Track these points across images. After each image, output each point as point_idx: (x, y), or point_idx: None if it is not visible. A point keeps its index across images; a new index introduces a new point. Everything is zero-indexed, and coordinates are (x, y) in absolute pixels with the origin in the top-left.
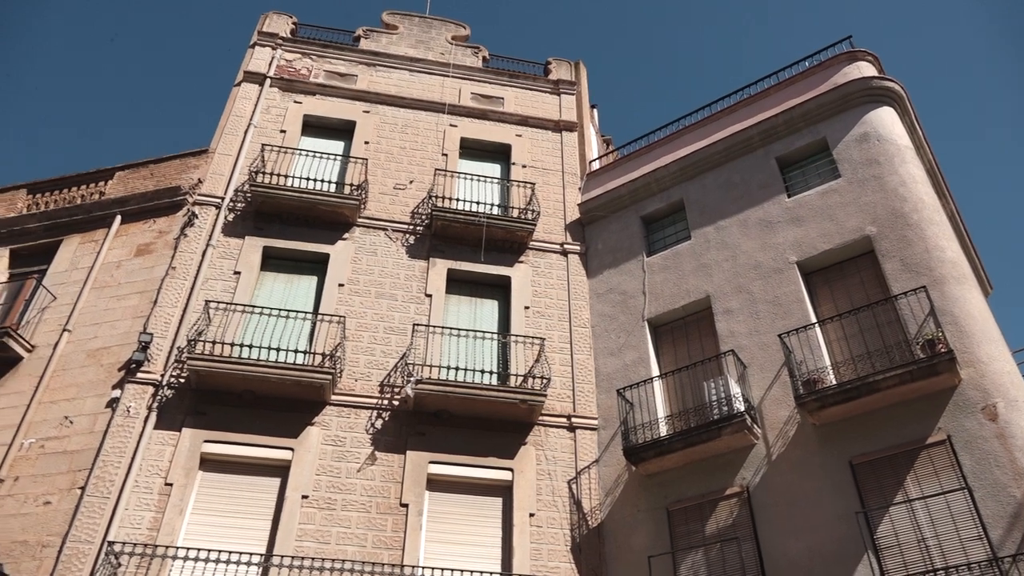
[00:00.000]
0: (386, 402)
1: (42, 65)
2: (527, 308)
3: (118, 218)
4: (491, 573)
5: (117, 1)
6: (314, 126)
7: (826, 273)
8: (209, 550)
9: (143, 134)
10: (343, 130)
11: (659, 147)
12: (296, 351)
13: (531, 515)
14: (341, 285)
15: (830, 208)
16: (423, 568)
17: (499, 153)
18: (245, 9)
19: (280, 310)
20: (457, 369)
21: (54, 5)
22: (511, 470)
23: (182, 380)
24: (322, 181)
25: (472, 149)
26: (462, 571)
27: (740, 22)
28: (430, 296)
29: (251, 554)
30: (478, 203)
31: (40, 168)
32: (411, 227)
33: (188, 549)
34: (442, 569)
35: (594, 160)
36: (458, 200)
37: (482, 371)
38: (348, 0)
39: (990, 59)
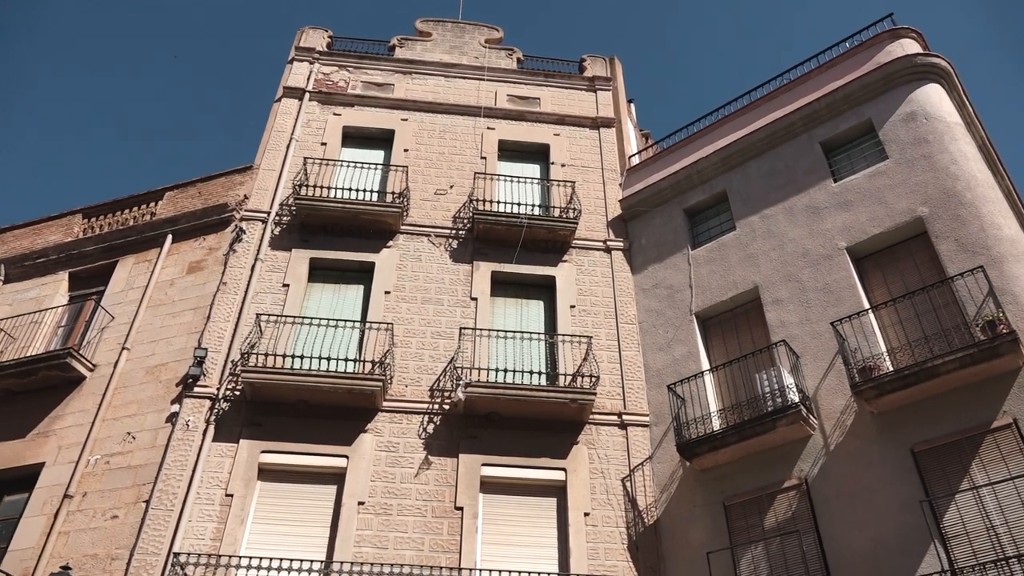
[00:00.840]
0: (437, 406)
1: (86, 88)
2: (573, 307)
3: (169, 237)
4: (548, 574)
5: (157, 29)
6: (354, 137)
7: (877, 257)
8: (271, 558)
9: (188, 153)
10: (382, 139)
11: (699, 138)
12: (346, 359)
13: (586, 514)
14: (387, 292)
15: (879, 191)
16: (480, 570)
17: (538, 153)
18: (283, 26)
19: (329, 320)
20: (506, 371)
21: (83, 30)
22: (564, 470)
23: (237, 393)
24: (364, 191)
25: (511, 151)
26: (519, 572)
27: (777, 6)
28: (475, 299)
29: (311, 561)
30: (519, 204)
31: (90, 189)
32: (454, 231)
33: (251, 558)
34: (499, 571)
35: (633, 155)
36: (499, 202)
37: (531, 372)
38: (382, 10)
39: None
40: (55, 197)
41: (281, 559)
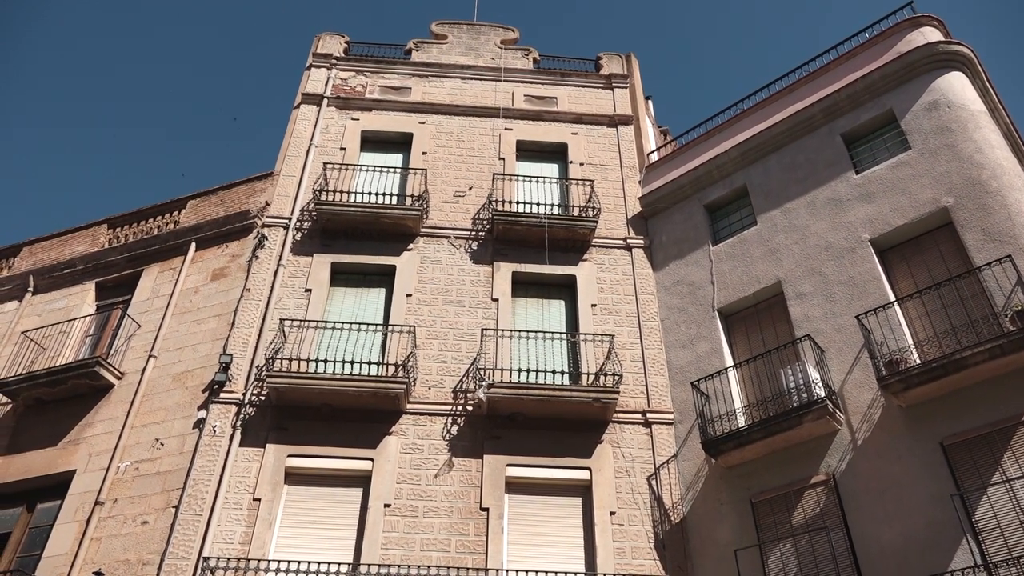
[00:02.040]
0: (460, 408)
1: (104, 94)
2: (594, 306)
3: (193, 245)
4: (575, 573)
5: (176, 44)
6: (372, 141)
7: (902, 249)
8: (299, 561)
9: (208, 161)
10: (401, 142)
11: (718, 133)
12: (370, 363)
13: (612, 513)
14: (409, 295)
15: (902, 181)
16: (507, 571)
17: (556, 153)
18: (300, 32)
19: (351, 324)
20: (528, 371)
21: (99, 36)
22: (589, 469)
23: (263, 398)
24: (384, 194)
25: (529, 151)
26: (546, 572)
27: None
28: (496, 300)
29: (339, 563)
30: (538, 204)
31: (111, 197)
32: (473, 233)
33: (279, 561)
34: (526, 571)
35: (652, 152)
36: (518, 203)
37: (553, 372)
38: (398, 14)
39: None
40: (73, 204)
41: (309, 562)
